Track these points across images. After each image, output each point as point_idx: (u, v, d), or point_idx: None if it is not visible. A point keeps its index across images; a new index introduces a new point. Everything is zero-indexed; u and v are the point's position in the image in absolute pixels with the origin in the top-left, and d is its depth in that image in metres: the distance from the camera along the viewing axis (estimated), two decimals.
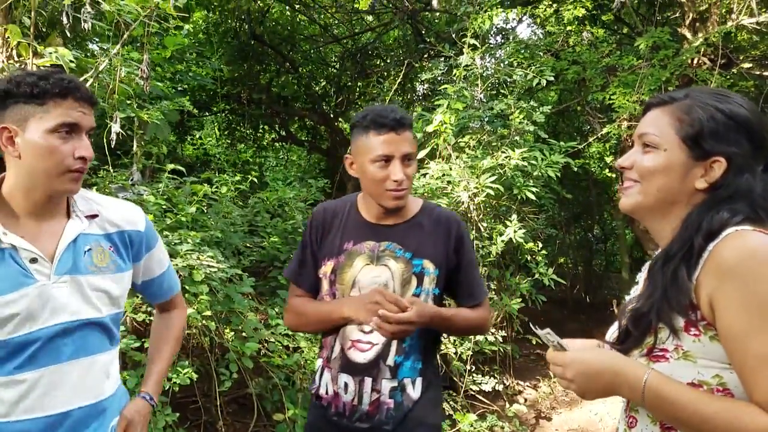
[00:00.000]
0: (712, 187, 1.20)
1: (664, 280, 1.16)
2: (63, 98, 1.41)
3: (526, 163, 4.89)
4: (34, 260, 1.45)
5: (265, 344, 3.65)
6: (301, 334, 3.65)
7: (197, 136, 9.16)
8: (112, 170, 3.81)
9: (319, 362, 1.99)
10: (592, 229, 11.62)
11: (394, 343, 1.85)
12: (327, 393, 1.91)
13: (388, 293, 1.77)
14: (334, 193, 6.88)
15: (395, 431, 1.85)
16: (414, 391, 1.87)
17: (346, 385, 1.87)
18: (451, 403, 4.34)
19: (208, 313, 3.19)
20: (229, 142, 9.09)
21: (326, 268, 1.94)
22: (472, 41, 4.94)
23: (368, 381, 1.84)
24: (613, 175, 8.44)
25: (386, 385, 1.85)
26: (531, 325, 1.42)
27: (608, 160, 7.26)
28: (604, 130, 6.10)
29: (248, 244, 4.21)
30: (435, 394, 1.95)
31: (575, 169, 5.98)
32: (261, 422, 3.72)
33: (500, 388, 5.11)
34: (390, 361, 1.85)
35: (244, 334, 3.57)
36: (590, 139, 6.50)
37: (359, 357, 1.85)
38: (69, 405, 1.50)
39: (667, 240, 1.24)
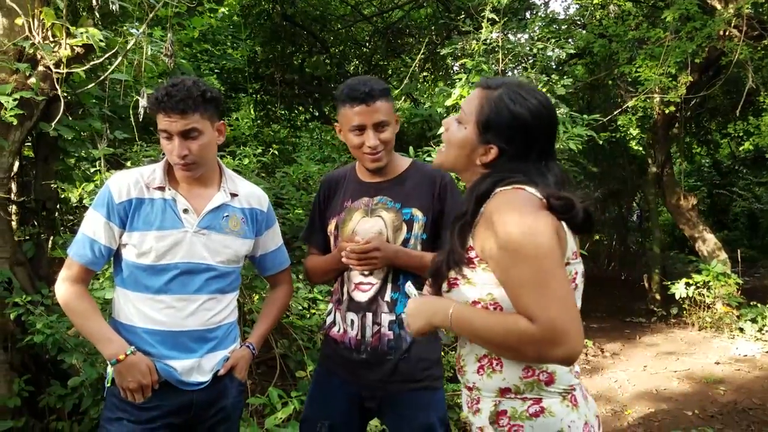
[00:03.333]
0: (488, 165, 1.51)
1: (451, 238, 1.50)
2: (157, 111, 1.87)
3: None
4: (185, 211, 1.95)
5: (289, 307, 3.86)
6: (321, 296, 3.87)
7: (234, 117, 9.43)
8: (144, 145, 4.04)
9: (330, 306, 2.27)
10: (629, 206, 11.51)
11: (390, 282, 2.10)
12: (338, 331, 2.18)
13: (350, 238, 2.08)
14: None
15: (398, 364, 2.07)
16: None
17: (352, 321, 2.13)
18: None
19: None
20: (263, 122, 9.31)
21: (331, 225, 2.22)
22: (491, 15, 5.00)
23: (369, 316, 2.11)
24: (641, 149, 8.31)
25: (385, 318, 2.09)
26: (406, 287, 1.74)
27: (634, 133, 7.22)
28: (629, 104, 6.09)
29: None
30: (435, 331, 2.18)
31: (600, 142, 6.00)
32: (286, 381, 3.95)
33: None
34: (387, 297, 2.10)
35: None
36: (615, 113, 6.48)
37: (361, 297, 2.12)
38: (188, 326, 1.95)
39: None
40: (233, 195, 2.05)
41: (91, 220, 1.93)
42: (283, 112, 10.04)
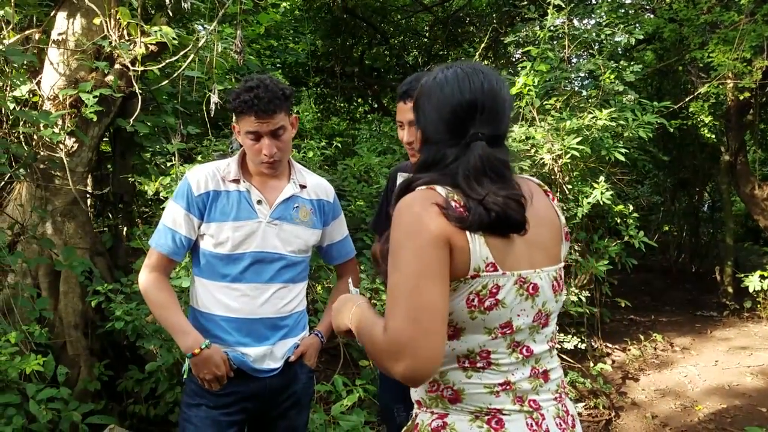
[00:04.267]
0: (420, 150, 1.43)
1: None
2: (246, 115, 1.91)
3: (614, 124, 4.82)
4: (259, 202, 2.03)
5: None
6: (383, 287, 3.90)
7: (294, 111, 9.55)
8: (214, 139, 4.16)
9: None
10: (700, 195, 11.06)
11: None
12: None
13: None
14: None
15: None
16: None
17: None
18: None
19: None
20: (323, 115, 9.41)
21: None
22: (557, 1, 4.89)
23: None
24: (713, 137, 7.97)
25: None
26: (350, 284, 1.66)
27: (706, 120, 6.94)
28: (701, 90, 5.86)
29: None
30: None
31: (671, 130, 5.81)
32: (348, 369, 4.01)
33: (584, 347, 5.15)
34: None
35: (332, 287, 3.85)
36: (686, 99, 6.24)
37: None
38: (262, 314, 2.03)
39: None
40: (302, 186, 2.12)
41: (172, 212, 2.01)
42: (342, 104, 10.12)
